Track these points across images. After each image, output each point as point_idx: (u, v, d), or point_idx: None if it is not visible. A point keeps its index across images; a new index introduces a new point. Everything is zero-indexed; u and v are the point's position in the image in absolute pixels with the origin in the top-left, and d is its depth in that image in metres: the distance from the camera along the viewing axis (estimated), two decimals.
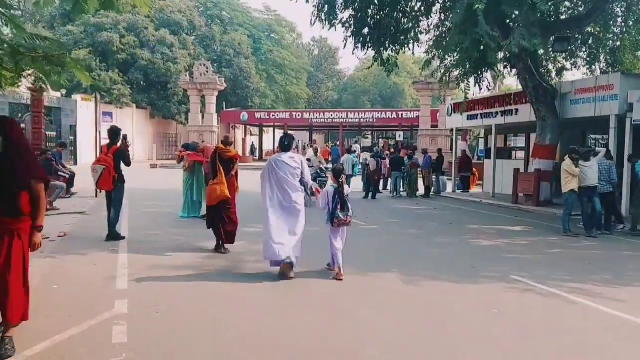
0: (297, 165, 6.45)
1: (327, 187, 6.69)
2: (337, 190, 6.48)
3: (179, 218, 11.18)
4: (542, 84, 14.99)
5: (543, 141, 15.14)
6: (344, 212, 6.46)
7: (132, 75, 37.55)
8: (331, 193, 6.49)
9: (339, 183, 6.54)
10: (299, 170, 6.46)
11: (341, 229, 6.60)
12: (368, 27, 17.26)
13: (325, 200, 6.50)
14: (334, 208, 6.42)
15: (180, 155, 11.32)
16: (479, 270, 7.10)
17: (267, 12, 52.94)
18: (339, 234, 6.60)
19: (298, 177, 6.47)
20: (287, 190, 6.37)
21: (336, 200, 6.45)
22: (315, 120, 39.07)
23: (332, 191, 6.50)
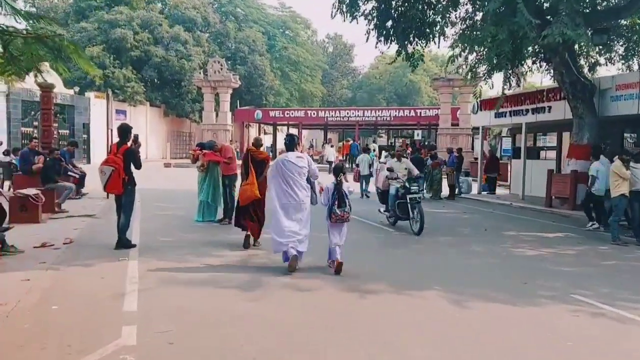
0: (304, 164, 6.71)
1: (328, 184, 6.83)
2: (337, 186, 6.70)
3: (194, 222, 10.46)
4: (579, 79, 14.02)
5: (580, 140, 14.17)
6: (341, 208, 6.63)
7: (145, 72, 37.06)
8: (331, 189, 6.71)
9: (338, 180, 6.74)
10: (305, 169, 6.70)
11: (341, 224, 6.73)
12: (392, 20, 16.40)
13: (326, 196, 6.72)
14: (331, 204, 6.62)
15: (196, 154, 10.58)
16: (532, 286, 6.26)
17: (281, 8, 52.27)
18: (338, 230, 6.75)
19: (305, 176, 6.72)
20: (294, 189, 6.61)
21: (335, 196, 6.65)
22: (330, 119, 38.25)
23: (332, 187, 6.71)
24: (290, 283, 6.03)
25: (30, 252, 7.23)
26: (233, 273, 6.45)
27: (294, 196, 6.61)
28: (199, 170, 10.45)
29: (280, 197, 6.64)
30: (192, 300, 5.26)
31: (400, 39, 16.38)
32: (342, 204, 6.68)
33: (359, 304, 5.38)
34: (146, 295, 5.31)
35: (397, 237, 9.69)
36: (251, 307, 5.12)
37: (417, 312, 5.16)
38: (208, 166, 10.36)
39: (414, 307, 5.31)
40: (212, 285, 5.83)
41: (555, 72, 14.36)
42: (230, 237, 8.88)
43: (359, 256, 7.73)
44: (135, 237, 8.46)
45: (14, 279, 5.82)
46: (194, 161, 10.68)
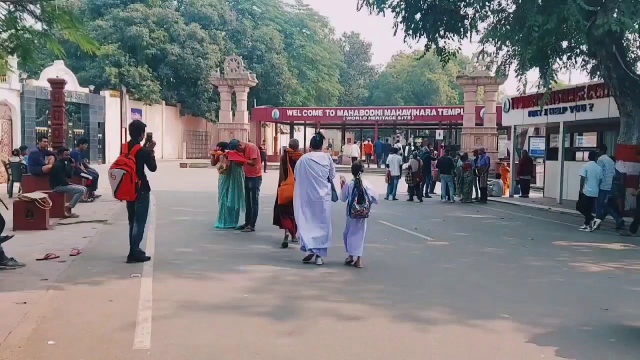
0: (326, 163, 7.12)
1: (347, 182, 7.17)
2: (356, 183, 7.00)
3: (215, 228, 9.60)
4: (628, 74, 12.89)
5: (629, 140, 13.02)
6: (360, 204, 6.92)
7: (161, 71, 36.41)
8: (351, 187, 7.03)
9: (357, 178, 7.05)
10: (327, 168, 7.10)
11: (360, 220, 7.02)
12: (420, 12, 15.42)
13: (345, 193, 7.07)
14: (351, 200, 6.93)
15: (217, 155, 9.69)
16: (616, 313, 5.26)
17: (298, 6, 51.26)
18: (358, 225, 7.04)
19: (327, 174, 7.12)
20: (316, 187, 6.98)
21: (355, 193, 6.96)
22: (349, 118, 37.26)
23: (352, 185, 7.03)
24: (331, 308, 5.10)
25: (32, 265, 6.41)
26: (262, 294, 5.55)
27: (315, 194, 6.99)
28: (220, 172, 9.59)
29: (303, 194, 7.03)
30: (215, 334, 4.35)
31: (430, 32, 15.40)
32: (362, 200, 6.95)
33: (418, 339, 4.42)
34: (161, 327, 4.42)
35: (437, 248, 8.72)
36: (287, 343, 4.19)
37: (491, 352, 4.20)
38: (230, 167, 9.49)
39: (487, 345, 4.34)
40: (238, 312, 4.92)
41: (602, 66, 13.22)
42: (256, 248, 8.02)
43: (402, 272, 6.79)
44: (150, 247, 7.62)
45: (9, 302, 4.98)
46: (214, 162, 9.81)
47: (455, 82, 62.20)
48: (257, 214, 9.51)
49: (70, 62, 33.05)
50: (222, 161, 9.43)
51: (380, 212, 13.39)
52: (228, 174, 9.47)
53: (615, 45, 12.86)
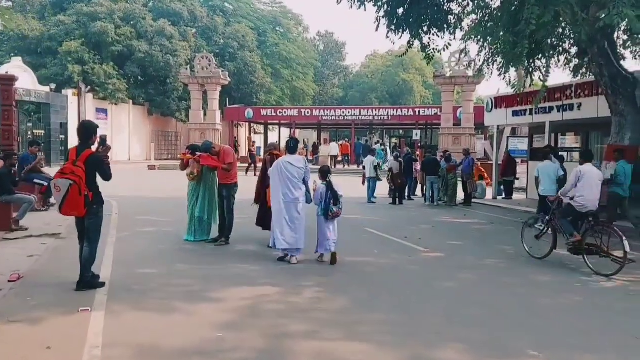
0: (302, 166, 7.35)
1: (319, 185, 7.41)
2: (329, 187, 7.34)
3: (184, 242, 8.55)
4: (620, 72, 12.34)
5: (621, 141, 12.45)
6: (336, 206, 7.28)
7: (128, 68, 34.80)
8: (324, 190, 7.33)
9: (328, 181, 7.39)
10: (303, 170, 7.32)
11: (334, 220, 7.35)
12: (403, 7, 14.64)
13: (318, 197, 7.33)
14: (327, 203, 7.23)
15: (186, 159, 8.63)
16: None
17: (272, 3, 50.09)
18: (332, 225, 7.34)
19: (302, 177, 7.33)
20: (292, 188, 7.21)
21: (329, 195, 7.27)
22: (325, 118, 36.39)
23: (325, 188, 7.34)
24: (327, 350, 4.17)
25: None
26: (241, 332, 4.57)
27: (291, 195, 7.19)
28: (190, 179, 8.53)
29: (279, 195, 7.21)
30: None
31: (413, 28, 14.64)
32: (337, 202, 7.29)
33: None
34: None
35: (433, 261, 7.88)
36: None
37: None
38: (201, 173, 8.45)
39: None
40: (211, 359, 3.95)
41: (593, 64, 12.64)
42: (231, 266, 7.02)
43: (402, 295, 5.90)
44: (106, 268, 6.55)
45: None
46: (183, 167, 8.73)
47: (429, 83, 62.48)
48: (232, 225, 8.51)
49: (30, 59, 31.27)
50: (193, 166, 8.38)
51: (364, 217, 12.56)
52: (199, 180, 8.43)
53: (607, 42, 12.31)
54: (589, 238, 7.46)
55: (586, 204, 7.70)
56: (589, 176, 7.73)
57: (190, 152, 8.62)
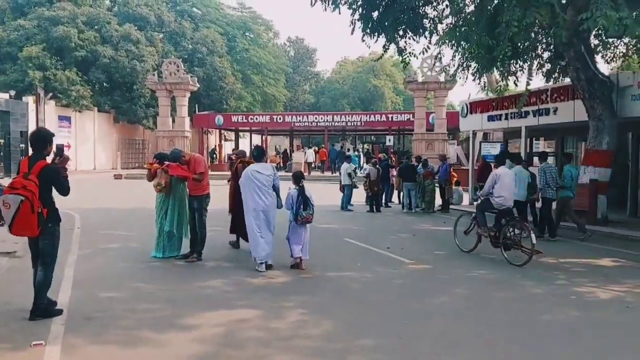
0: (270, 173, 7.43)
1: (291, 190, 7.46)
2: (300, 192, 7.38)
3: (152, 259, 7.91)
4: (597, 76, 12.30)
5: (599, 145, 12.43)
6: (306, 211, 7.32)
7: (92, 74, 33.59)
8: (295, 195, 7.38)
9: (300, 185, 7.46)
10: (271, 177, 7.38)
11: (304, 226, 7.42)
12: (378, 10, 14.34)
13: (289, 201, 7.37)
14: (297, 207, 7.28)
15: (153, 169, 7.99)
16: None
17: (241, 8, 49.41)
18: (302, 230, 7.42)
19: (272, 183, 7.37)
20: (262, 196, 7.27)
21: (300, 200, 7.31)
22: (297, 124, 35.91)
23: (296, 193, 7.39)
24: None
25: None
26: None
27: (262, 203, 7.26)
28: (157, 190, 7.91)
29: (251, 204, 7.28)
30: None
31: (389, 32, 14.35)
32: (307, 207, 7.36)
33: None
34: None
35: (421, 274, 7.46)
36: None
37: None
38: (170, 184, 7.84)
39: None
40: None
41: (570, 67, 12.56)
42: (204, 285, 6.45)
43: (392, 315, 5.44)
44: (65, 292, 5.91)
45: None
46: (150, 178, 8.10)
47: (400, 89, 62.80)
48: (205, 240, 7.93)
49: None
50: (161, 177, 7.76)
51: (342, 227, 12.11)
52: (168, 192, 7.82)
53: (583, 45, 12.25)
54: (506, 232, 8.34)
55: (504, 203, 8.55)
56: (503, 178, 8.60)
57: (157, 162, 8.01)
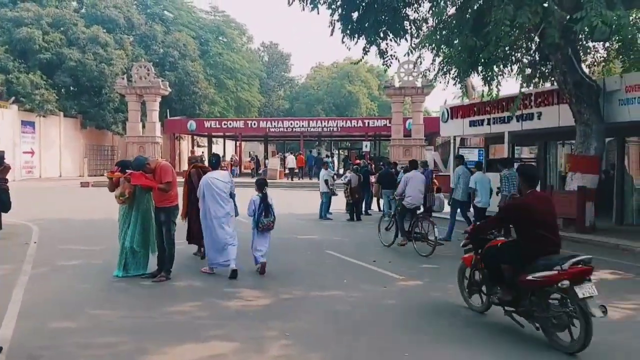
0: (228, 180, 7.50)
1: (254, 197, 7.52)
2: (263, 199, 7.45)
3: (114, 278, 7.08)
4: (585, 80, 11.98)
5: (586, 151, 12.09)
6: (267, 218, 7.44)
7: (58, 78, 32.20)
8: (257, 202, 7.44)
9: (263, 193, 7.50)
10: (229, 185, 7.43)
11: (267, 233, 7.54)
12: (358, 11, 13.79)
13: (252, 208, 7.45)
14: (259, 214, 7.37)
15: (115, 177, 7.17)
16: None
17: (214, 12, 48.45)
18: (264, 237, 7.53)
19: (229, 191, 7.43)
20: (221, 203, 7.28)
21: (262, 207, 7.41)
22: (272, 130, 35.17)
23: (258, 200, 7.45)
24: None
25: None
26: None
27: (221, 210, 7.27)
28: (119, 202, 7.09)
29: (209, 212, 7.24)
30: None
31: (369, 33, 13.82)
32: (269, 214, 7.48)
33: None
34: None
35: (414, 293, 6.82)
36: None
37: None
38: (133, 194, 7.04)
39: None
40: None
41: (556, 71, 12.20)
42: (173, 311, 5.68)
43: (391, 347, 4.76)
44: (8, 322, 5.08)
45: None
46: (112, 188, 7.27)
47: (374, 95, 62.66)
48: (174, 256, 7.14)
49: None
50: (123, 187, 6.94)
51: (324, 237, 11.42)
52: (131, 203, 7.02)
53: (571, 48, 11.92)
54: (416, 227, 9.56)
55: (413, 202, 9.95)
56: (413, 180, 10.03)
57: (120, 170, 7.20)
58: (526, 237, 5.04)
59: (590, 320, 4.47)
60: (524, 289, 4.93)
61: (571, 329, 4.61)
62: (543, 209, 5.09)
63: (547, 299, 4.78)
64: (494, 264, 5.29)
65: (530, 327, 5.02)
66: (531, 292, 4.88)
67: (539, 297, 4.81)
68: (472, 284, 5.76)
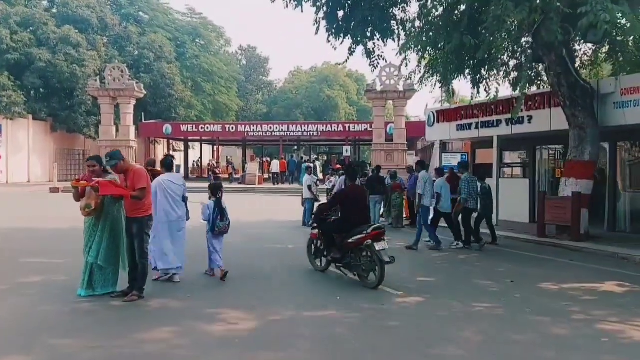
0: (181, 183, 7.49)
1: (208, 202, 7.58)
2: (217, 203, 7.52)
3: (78, 298, 6.27)
4: (579, 82, 11.59)
5: (581, 156, 11.69)
6: (223, 222, 7.49)
7: (27, 79, 30.86)
8: (212, 206, 7.51)
9: (218, 197, 7.56)
10: (182, 188, 7.41)
11: (221, 236, 7.56)
12: (344, 9, 13.21)
13: (207, 213, 7.49)
14: (214, 218, 7.43)
15: (81, 186, 6.36)
16: None
17: (191, 14, 47.38)
18: (218, 241, 7.53)
19: (182, 194, 7.37)
20: (174, 207, 7.21)
21: (217, 212, 7.46)
22: (251, 134, 34.35)
23: (213, 204, 7.51)
24: None
25: None
26: None
27: (174, 213, 7.16)
28: (85, 214, 6.29)
29: (162, 214, 7.05)
30: None
31: (356, 33, 13.26)
32: (224, 218, 7.46)
33: None
34: None
35: (415, 311, 6.20)
36: None
37: None
38: (102, 205, 6.25)
39: None
40: None
41: (550, 73, 11.79)
42: (146, 338, 4.93)
43: None
44: None
45: None
46: (78, 198, 6.47)
47: (353, 100, 62.28)
48: (147, 273, 6.38)
49: None
50: (90, 197, 6.15)
51: None
52: (99, 214, 6.23)
53: (565, 49, 11.52)
54: None
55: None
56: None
57: (92, 171, 6.37)
58: (347, 215, 7.56)
59: (384, 265, 6.95)
60: (347, 249, 7.41)
61: (375, 271, 7.03)
62: (357, 196, 7.80)
63: (360, 254, 7.25)
64: (329, 234, 7.74)
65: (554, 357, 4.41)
66: (350, 250, 7.36)
67: (355, 253, 7.31)
68: (317, 250, 8.17)
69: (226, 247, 7.83)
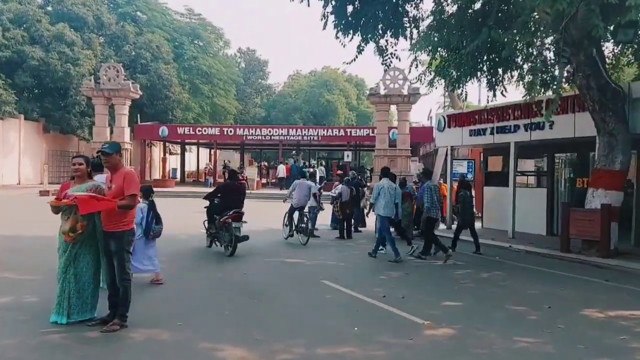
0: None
1: (141, 204, 7.16)
2: (151, 206, 7.40)
3: (52, 326, 5.28)
4: (610, 84, 10.67)
5: (611, 164, 10.76)
6: (158, 225, 7.42)
7: (19, 78, 29.76)
8: (145, 209, 7.30)
9: (150, 200, 7.44)
10: None
11: (154, 240, 7.40)
12: (353, 5, 12.32)
13: (140, 216, 7.09)
14: (149, 222, 7.30)
15: (62, 204, 5.37)
16: None
17: (189, 14, 46.42)
18: (152, 244, 7.41)
19: None
20: None
21: (151, 215, 7.33)
22: (249, 137, 33.35)
23: (146, 208, 7.33)
24: None
25: None
26: None
27: None
28: (68, 240, 5.33)
29: None
30: None
31: (365, 29, 12.37)
32: (159, 221, 7.47)
33: None
34: None
35: (448, 349, 5.23)
36: None
37: None
38: (88, 226, 5.29)
39: None
40: None
41: (578, 74, 10.84)
42: None
43: None
44: None
45: None
46: (57, 211, 5.50)
47: (353, 104, 61.43)
48: (129, 297, 5.38)
49: None
50: (72, 218, 5.17)
51: (315, 262, 9.72)
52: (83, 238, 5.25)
53: (595, 48, 10.62)
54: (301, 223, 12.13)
55: (298, 203, 12.57)
56: (300, 186, 12.82)
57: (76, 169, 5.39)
58: (223, 200, 10.05)
59: (236, 239, 9.54)
60: (220, 226, 9.85)
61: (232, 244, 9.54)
62: (232, 188, 10.41)
63: (226, 230, 9.66)
64: (211, 214, 10.31)
65: None
66: (221, 227, 9.81)
67: (224, 229, 9.76)
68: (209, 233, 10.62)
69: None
